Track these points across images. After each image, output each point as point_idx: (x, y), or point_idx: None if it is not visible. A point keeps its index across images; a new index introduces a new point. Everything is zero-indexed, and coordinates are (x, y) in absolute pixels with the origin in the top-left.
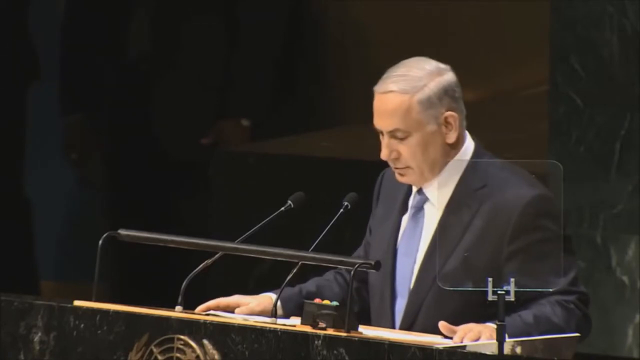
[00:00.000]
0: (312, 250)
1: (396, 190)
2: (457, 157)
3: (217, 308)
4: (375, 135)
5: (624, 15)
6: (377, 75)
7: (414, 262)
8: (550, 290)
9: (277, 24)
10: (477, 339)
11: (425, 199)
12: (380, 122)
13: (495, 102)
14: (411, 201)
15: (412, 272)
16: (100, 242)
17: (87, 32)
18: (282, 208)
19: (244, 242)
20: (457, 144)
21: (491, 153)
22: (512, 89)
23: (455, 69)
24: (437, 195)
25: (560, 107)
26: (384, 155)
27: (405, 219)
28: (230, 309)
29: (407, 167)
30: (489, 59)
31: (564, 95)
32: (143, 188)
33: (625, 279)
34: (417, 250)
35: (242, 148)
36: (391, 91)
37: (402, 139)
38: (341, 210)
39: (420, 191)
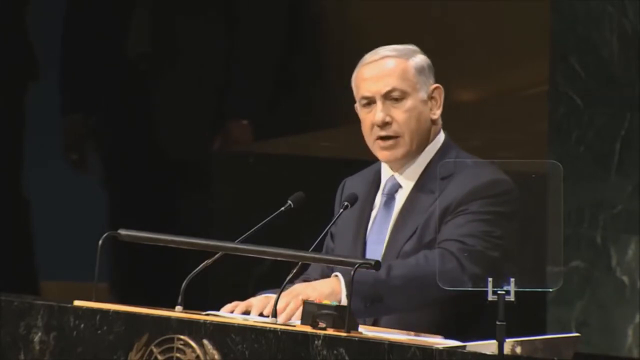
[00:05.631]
0: (312, 250)
1: (359, 192)
2: (432, 145)
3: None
4: None
5: (624, 15)
6: None
7: (383, 247)
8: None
9: (277, 23)
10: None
11: (398, 186)
12: (375, 85)
13: (495, 102)
14: (381, 190)
15: (380, 258)
16: (100, 242)
17: (87, 32)
18: (282, 208)
19: (244, 242)
20: (437, 124)
21: (459, 147)
22: (512, 89)
23: (456, 69)
24: (407, 180)
25: (560, 107)
26: (378, 119)
27: (374, 212)
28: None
29: (398, 136)
30: (489, 59)
31: (564, 95)
32: (143, 188)
33: (625, 279)
34: (386, 236)
35: (242, 148)
36: (386, 56)
37: (397, 100)
38: (341, 210)
39: (392, 178)
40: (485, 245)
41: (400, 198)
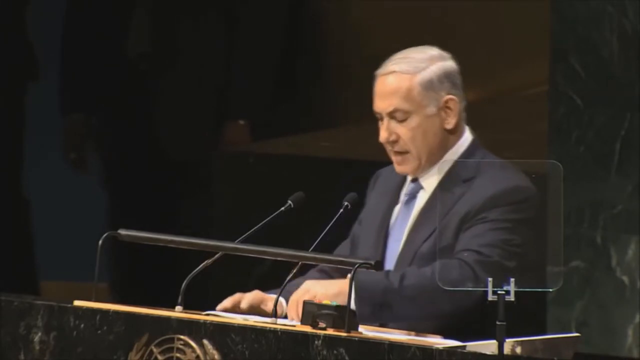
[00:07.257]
0: (312, 250)
1: (390, 184)
2: (454, 149)
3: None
4: (375, 134)
5: (624, 15)
6: None
7: (400, 245)
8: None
9: (277, 23)
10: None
11: (419, 187)
12: (380, 103)
13: (495, 102)
14: (405, 189)
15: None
16: (100, 242)
17: (87, 32)
18: (282, 208)
19: (244, 242)
20: (456, 132)
21: (487, 150)
22: (512, 89)
23: None
24: (429, 181)
25: (560, 107)
26: (382, 137)
27: (397, 208)
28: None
29: (406, 151)
30: (489, 59)
31: (564, 95)
32: (143, 188)
33: (625, 279)
34: (404, 235)
35: (242, 148)
36: (393, 72)
37: (401, 121)
38: (341, 210)
39: (414, 180)
40: (503, 254)
41: (422, 199)
